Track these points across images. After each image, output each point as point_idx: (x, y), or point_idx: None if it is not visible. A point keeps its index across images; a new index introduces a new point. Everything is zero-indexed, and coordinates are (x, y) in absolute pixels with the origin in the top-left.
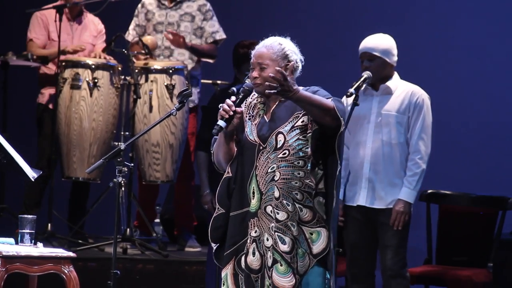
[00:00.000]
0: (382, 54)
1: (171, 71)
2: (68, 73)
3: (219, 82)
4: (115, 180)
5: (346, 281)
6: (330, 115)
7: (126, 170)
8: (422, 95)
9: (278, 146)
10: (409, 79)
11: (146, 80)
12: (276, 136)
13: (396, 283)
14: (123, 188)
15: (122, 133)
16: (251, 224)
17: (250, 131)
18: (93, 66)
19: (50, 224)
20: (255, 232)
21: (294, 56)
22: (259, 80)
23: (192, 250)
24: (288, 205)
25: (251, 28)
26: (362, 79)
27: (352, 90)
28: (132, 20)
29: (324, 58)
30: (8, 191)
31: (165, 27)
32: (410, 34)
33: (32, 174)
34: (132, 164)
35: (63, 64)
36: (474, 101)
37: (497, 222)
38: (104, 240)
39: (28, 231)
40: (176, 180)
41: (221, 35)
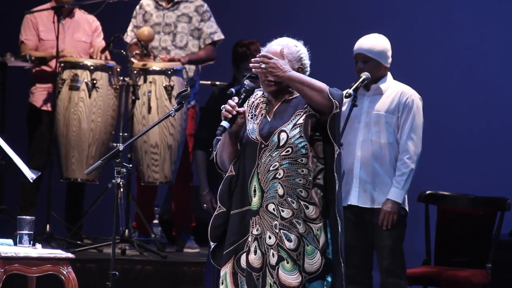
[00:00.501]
0: (377, 56)
1: (169, 72)
2: (66, 74)
3: (217, 83)
4: (113, 181)
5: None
6: (322, 96)
7: (125, 171)
8: (412, 95)
9: (281, 144)
10: (408, 79)
11: (145, 81)
12: (278, 134)
13: (393, 284)
14: (122, 189)
15: (121, 134)
16: (253, 222)
17: (252, 129)
18: (91, 67)
19: (48, 225)
20: (256, 230)
21: (306, 61)
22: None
23: (191, 251)
24: (293, 202)
25: (249, 28)
26: (361, 80)
27: (350, 91)
28: (130, 22)
29: (323, 58)
30: (6, 192)
31: (162, 28)
32: (409, 34)
33: (30, 175)
34: (131, 165)
35: (62, 65)
36: (473, 102)
37: (495, 223)
38: (103, 241)
39: (26, 232)
40: (174, 181)
41: (219, 35)
